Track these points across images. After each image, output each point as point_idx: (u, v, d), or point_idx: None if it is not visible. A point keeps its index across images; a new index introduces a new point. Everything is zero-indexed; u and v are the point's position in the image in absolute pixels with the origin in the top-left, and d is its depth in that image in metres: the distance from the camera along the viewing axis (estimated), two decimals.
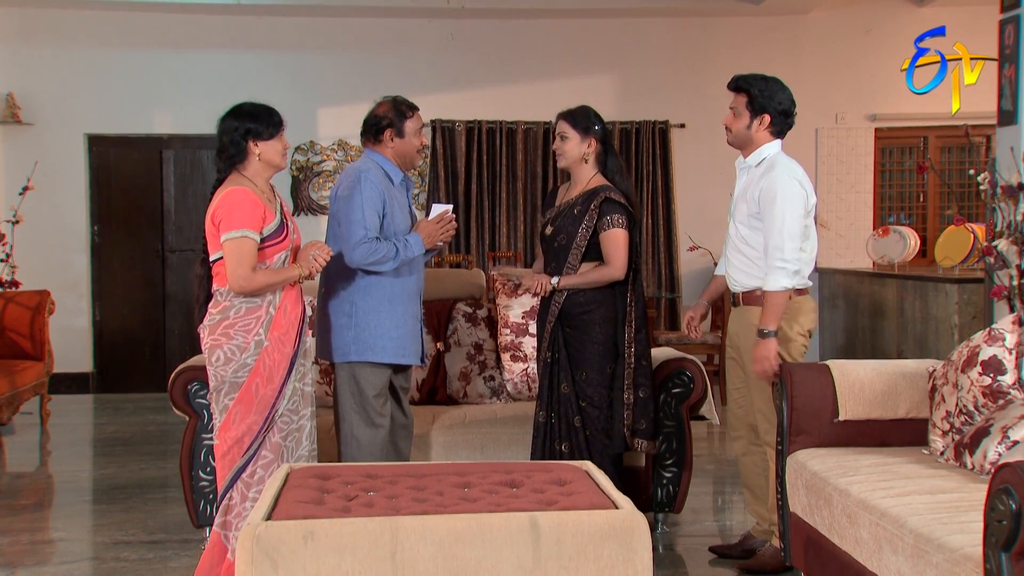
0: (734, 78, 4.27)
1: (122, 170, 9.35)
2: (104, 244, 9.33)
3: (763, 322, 4.06)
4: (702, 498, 5.55)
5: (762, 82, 4.21)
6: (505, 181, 9.41)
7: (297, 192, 9.37)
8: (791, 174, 4.11)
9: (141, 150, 9.37)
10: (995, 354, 3.46)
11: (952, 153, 9.81)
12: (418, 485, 3.13)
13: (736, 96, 4.25)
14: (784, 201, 4.05)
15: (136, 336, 9.39)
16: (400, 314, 4.22)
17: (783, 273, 4.03)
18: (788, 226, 4.05)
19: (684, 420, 4.69)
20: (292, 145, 9.23)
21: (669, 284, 9.47)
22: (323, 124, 9.47)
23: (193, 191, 9.37)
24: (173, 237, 9.39)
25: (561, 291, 4.26)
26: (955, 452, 3.48)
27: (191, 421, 4.50)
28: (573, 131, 4.31)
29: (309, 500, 2.93)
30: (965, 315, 6.79)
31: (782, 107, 4.20)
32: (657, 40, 9.62)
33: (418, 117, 4.42)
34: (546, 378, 4.31)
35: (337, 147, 9.41)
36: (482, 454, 4.59)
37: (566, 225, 4.29)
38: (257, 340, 3.70)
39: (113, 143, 9.33)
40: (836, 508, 3.35)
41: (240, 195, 3.70)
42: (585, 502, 2.90)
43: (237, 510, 3.71)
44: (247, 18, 9.28)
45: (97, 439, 7.46)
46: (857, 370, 3.90)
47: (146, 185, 9.37)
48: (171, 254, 9.39)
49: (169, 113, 9.35)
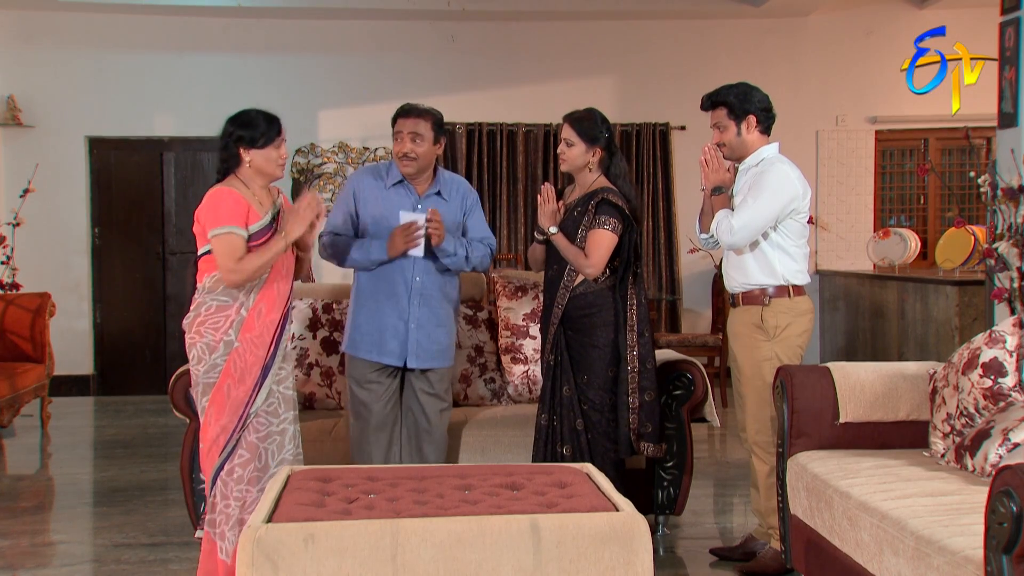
0: (705, 97, 4.32)
1: (123, 172, 9.36)
2: (105, 246, 9.33)
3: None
4: (703, 500, 5.55)
5: (732, 89, 4.26)
6: (506, 183, 9.42)
7: (298, 194, 9.35)
8: (791, 170, 4.17)
9: (142, 152, 9.38)
10: (996, 356, 3.46)
11: (953, 155, 9.81)
12: (419, 487, 3.13)
13: (714, 112, 4.28)
14: (773, 191, 4.09)
15: (137, 338, 9.40)
16: (375, 311, 4.29)
17: (726, 233, 4.14)
18: (760, 215, 4.08)
19: (685, 422, 4.69)
20: (292, 147, 9.30)
21: (670, 286, 9.48)
22: (323, 126, 9.48)
23: (194, 193, 9.36)
24: (174, 240, 9.39)
25: (564, 295, 4.26)
26: (956, 454, 3.48)
27: (192, 423, 4.49)
28: (579, 139, 4.29)
29: (310, 502, 2.93)
30: (966, 317, 6.79)
31: (762, 105, 4.26)
32: (657, 42, 9.62)
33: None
34: (548, 381, 4.31)
35: (338, 149, 9.41)
36: (483, 456, 4.59)
37: (567, 227, 4.29)
38: (227, 340, 3.72)
39: (114, 145, 9.34)
40: (837, 510, 3.35)
41: (222, 194, 3.75)
42: (586, 504, 2.90)
43: (219, 507, 3.75)
44: (247, 20, 9.28)
45: (98, 441, 7.46)
46: (858, 372, 3.90)
47: (147, 187, 9.38)
48: (172, 256, 9.39)
49: (170, 116, 9.36)
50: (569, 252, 4.24)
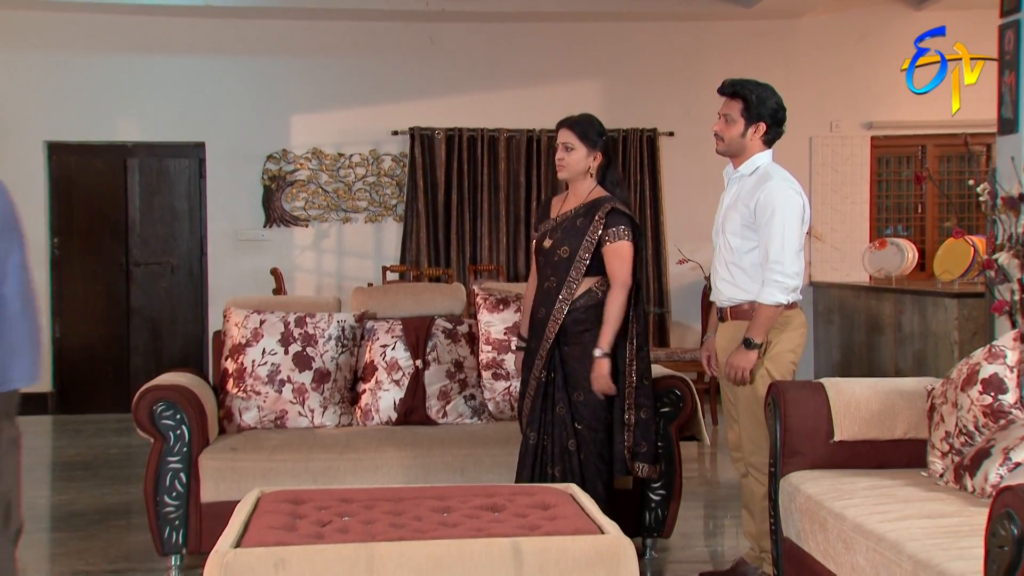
0: (728, 82, 4.24)
1: (84, 180, 9.32)
2: (65, 257, 9.28)
3: (751, 332, 4.08)
4: (692, 522, 5.55)
5: (758, 87, 4.19)
6: (487, 192, 9.43)
7: (269, 203, 9.35)
8: (790, 185, 4.14)
9: (104, 158, 9.34)
10: (996, 372, 3.47)
11: (951, 163, 9.88)
12: (395, 510, 3.13)
13: (729, 102, 4.22)
14: (784, 213, 4.07)
15: (98, 354, 9.34)
16: None
17: (780, 288, 4.04)
18: (789, 239, 4.06)
19: (673, 441, 4.70)
20: (263, 154, 9.29)
21: (658, 298, 9.51)
22: (296, 132, 9.47)
23: (159, 202, 9.35)
24: (138, 250, 9.36)
25: (563, 307, 4.24)
26: (955, 474, 3.49)
27: (156, 443, 4.47)
28: (580, 143, 4.29)
29: (280, 526, 2.92)
30: (965, 331, 6.84)
31: (778, 115, 4.21)
32: (645, 45, 9.66)
33: None
34: (539, 399, 4.30)
35: (311, 156, 9.40)
36: (462, 477, 4.59)
37: (568, 238, 4.28)
38: None
39: (74, 151, 9.30)
40: (831, 533, 3.36)
41: None
42: (570, 527, 2.90)
43: None
44: (215, 21, 9.27)
45: (56, 463, 7.41)
46: (853, 388, 3.92)
47: (109, 195, 9.34)
48: (136, 268, 9.35)
49: (134, 120, 9.33)
50: (612, 321, 4.17)
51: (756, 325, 4.08)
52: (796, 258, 4.09)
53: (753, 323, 4.10)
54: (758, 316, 4.08)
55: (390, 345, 5.18)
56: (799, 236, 4.11)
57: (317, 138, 9.43)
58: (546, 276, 4.35)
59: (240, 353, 4.98)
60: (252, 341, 4.98)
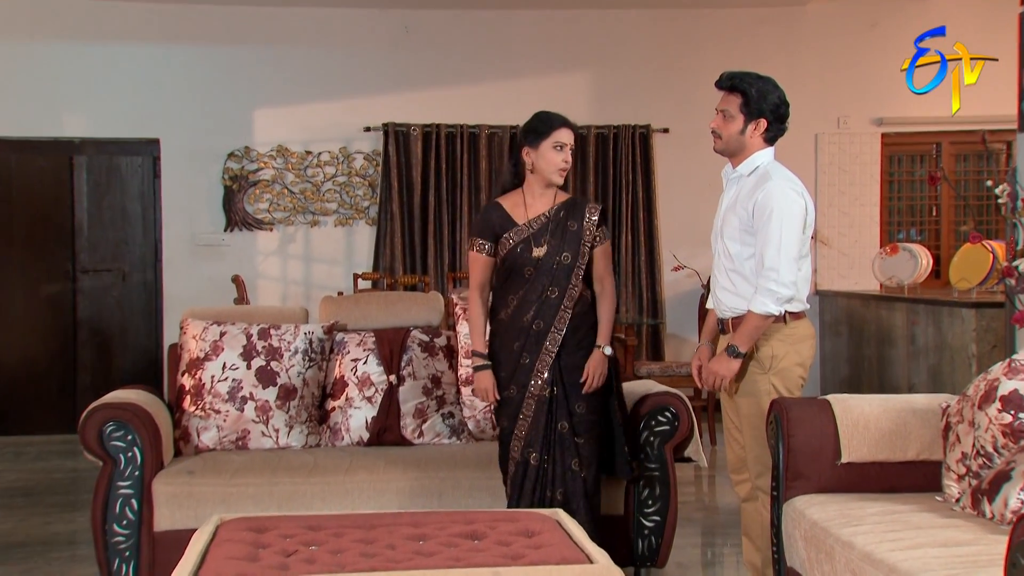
0: (726, 75, 4.24)
1: (26, 179, 9.28)
2: (4, 264, 9.24)
3: (736, 339, 4.11)
4: (688, 551, 5.56)
5: (758, 81, 4.20)
6: (467, 192, 9.43)
7: (230, 205, 9.33)
8: (791, 186, 4.13)
9: (48, 156, 9.31)
10: (1016, 388, 3.48)
11: (968, 161, 9.94)
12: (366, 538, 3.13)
13: (727, 96, 4.23)
14: (783, 215, 4.07)
15: (41, 369, 9.30)
16: None
17: (772, 297, 4.05)
18: (786, 244, 4.06)
19: (668, 462, 4.71)
20: (224, 151, 9.27)
21: (652, 309, 9.51)
22: (260, 128, 9.46)
23: (110, 203, 9.32)
24: (86, 255, 9.33)
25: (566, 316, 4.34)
26: (972, 499, 3.51)
27: (105, 467, 4.45)
28: None
29: (241, 556, 2.91)
30: (983, 344, 6.87)
31: (780, 111, 4.22)
32: (637, 35, 9.70)
33: None
34: (543, 416, 4.33)
35: (276, 153, 9.39)
36: (440, 502, 4.58)
37: (566, 244, 4.36)
38: None
39: (15, 148, 9.26)
40: (839, 562, 3.37)
41: None
42: (556, 556, 2.90)
43: None
44: (173, 6, 9.25)
45: None
46: (862, 406, 3.93)
47: (54, 196, 9.31)
48: (83, 275, 9.32)
49: (82, 114, 9.30)
50: (608, 323, 4.47)
51: (742, 333, 4.10)
52: (794, 265, 4.09)
53: (740, 330, 4.11)
54: (746, 324, 4.10)
55: (362, 359, 5.18)
56: (798, 241, 4.11)
57: (282, 134, 9.42)
58: (543, 286, 4.37)
59: (198, 368, 4.96)
60: (211, 355, 4.97)
